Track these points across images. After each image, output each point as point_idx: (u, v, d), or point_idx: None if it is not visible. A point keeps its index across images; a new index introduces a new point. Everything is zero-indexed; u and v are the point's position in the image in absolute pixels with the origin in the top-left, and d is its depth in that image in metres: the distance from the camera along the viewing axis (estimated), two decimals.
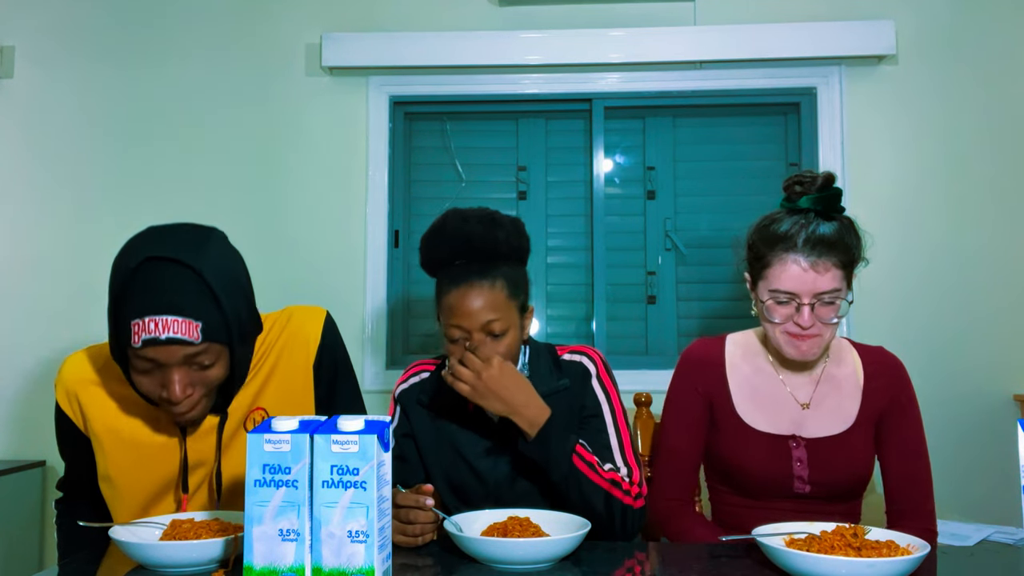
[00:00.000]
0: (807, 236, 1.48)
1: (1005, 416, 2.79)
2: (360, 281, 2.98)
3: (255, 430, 1.04)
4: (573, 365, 1.64)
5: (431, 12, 3.02)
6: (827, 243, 1.48)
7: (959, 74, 2.90)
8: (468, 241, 1.54)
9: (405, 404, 1.67)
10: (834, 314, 1.51)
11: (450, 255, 1.56)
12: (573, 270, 3.06)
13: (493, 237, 1.54)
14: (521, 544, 1.20)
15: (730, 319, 2.96)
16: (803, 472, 1.56)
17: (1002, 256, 2.85)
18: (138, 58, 3.05)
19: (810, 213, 1.52)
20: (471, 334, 1.51)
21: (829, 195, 1.52)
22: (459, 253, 1.55)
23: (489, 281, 1.52)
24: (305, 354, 1.48)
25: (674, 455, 1.66)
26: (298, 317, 1.51)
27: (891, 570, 1.09)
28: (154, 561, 1.17)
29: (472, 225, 1.55)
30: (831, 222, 1.51)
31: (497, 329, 1.51)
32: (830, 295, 1.49)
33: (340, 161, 3.01)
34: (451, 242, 1.55)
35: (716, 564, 1.26)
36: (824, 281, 1.48)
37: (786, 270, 1.49)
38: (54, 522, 1.57)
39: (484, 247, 1.53)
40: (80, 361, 1.46)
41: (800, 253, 1.48)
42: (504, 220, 1.58)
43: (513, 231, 1.58)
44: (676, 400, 1.68)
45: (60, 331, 2.97)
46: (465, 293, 1.51)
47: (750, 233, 1.60)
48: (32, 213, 3.02)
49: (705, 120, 3.08)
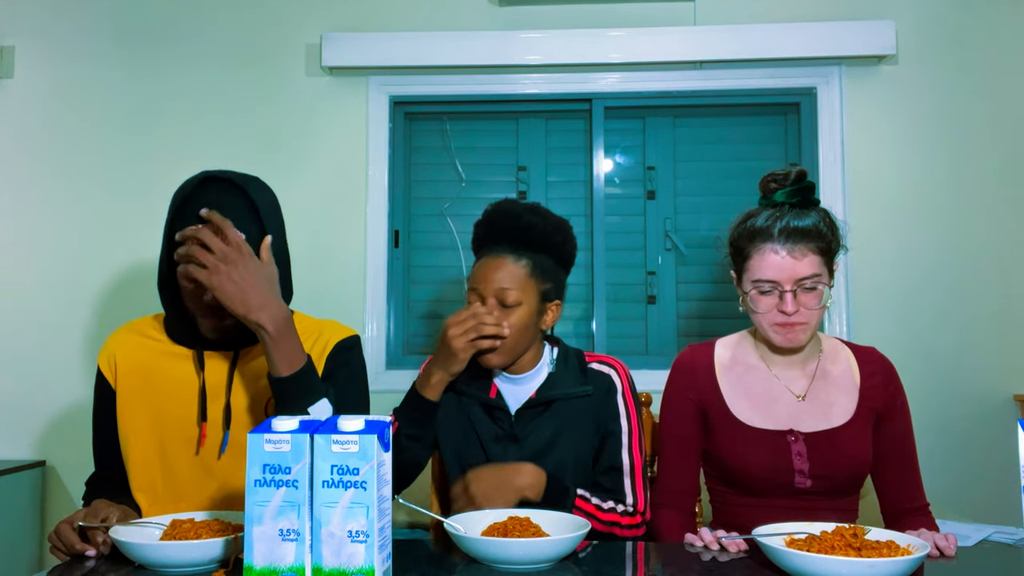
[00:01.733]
0: (782, 227, 1.55)
1: (1005, 416, 2.79)
2: (360, 281, 2.98)
3: (255, 430, 1.04)
4: (600, 376, 1.70)
5: (431, 12, 3.02)
6: (802, 231, 1.54)
7: (959, 74, 2.90)
8: (504, 219, 1.67)
9: None
10: (817, 300, 1.55)
11: (487, 232, 1.69)
12: (573, 270, 3.03)
13: (528, 222, 1.66)
14: (521, 544, 1.20)
15: (730, 319, 2.96)
16: (803, 466, 1.57)
17: (1002, 256, 2.85)
18: (138, 58, 3.05)
19: (784, 206, 1.58)
20: (484, 299, 1.61)
21: (802, 187, 1.59)
22: (495, 230, 1.67)
23: (514, 256, 1.64)
24: (323, 347, 1.55)
25: (665, 462, 1.69)
26: (331, 326, 1.61)
27: (891, 570, 1.09)
28: (154, 561, 1.17)
29: (513, 207, 1.70)
30: (805, 212, 1.57)
31: (509, 299, 1.61)
32: (811, 280, 1.54)
33: (340, 161, 3.01)
34: (492, 220, 1.69)
35: (716, 564, 1.26)
36: (803, 267, 1.53)
37: (765, 259, 1.55)
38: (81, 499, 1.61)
39: (517, 227, 1.65)
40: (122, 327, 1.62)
41: (777, 242, 1.54)
42: (545, 213, 1.70)
43: (551, 226, 1.69)
44: (670, 409, 1.70)
45: (60, 331, 2.97)
46: (488, 261, 1.65)
47: (730, 231, 1.66)
48: (32, 213, 3.02)
49: (705, 120, 3.08)
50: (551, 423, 1.66)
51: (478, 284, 1.64)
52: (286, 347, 1.37)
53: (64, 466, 2.94)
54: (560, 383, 1.67)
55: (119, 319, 2.94)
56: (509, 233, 1.66)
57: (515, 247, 1.65)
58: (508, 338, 1.60)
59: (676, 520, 1.63)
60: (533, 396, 1.67)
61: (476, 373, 1.70)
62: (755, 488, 1.60)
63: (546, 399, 1.66)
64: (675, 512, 1.65)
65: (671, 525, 1.62)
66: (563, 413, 1.66)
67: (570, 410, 1.66)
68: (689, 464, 1.68)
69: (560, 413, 1.66)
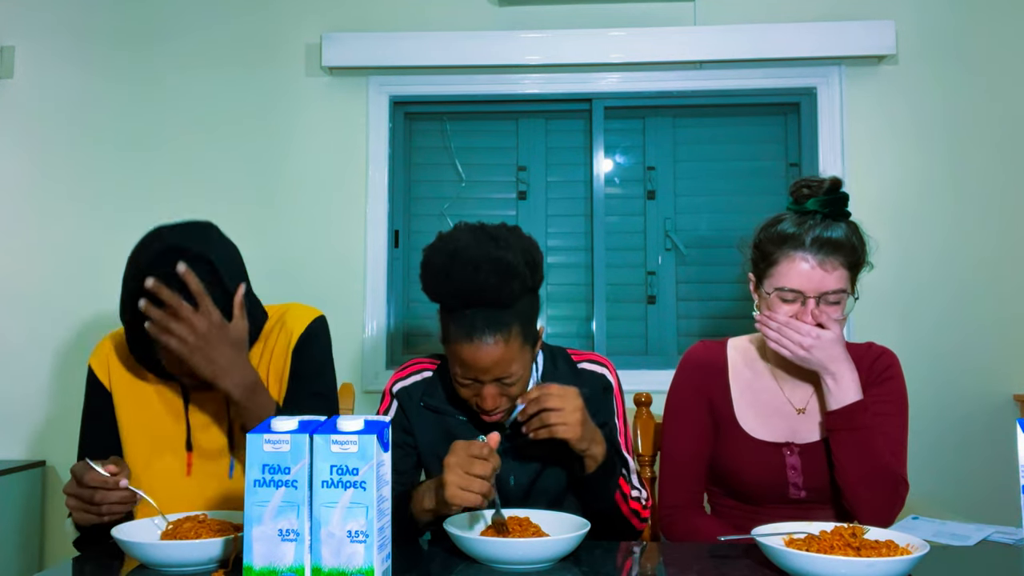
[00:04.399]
0: (815, 236, 1.50)
1: (1005, 416, 2.79)
2: (360, 281, 2.98)
3: (255, 430, 1.04)
4: (595, 376, 1.61)
5: (431, 12, 3.02)
6: (834, 243, 1.50)
7: (959, 74, 2.90)
8: (481, 293, 1.40)
9: (403, 400, 1.62)
10: (837, 313, 1.51)
11: (459, 304, 1.43)
12: (573, 270, 3.06)
13: (508, 291, 1.40)
14: (521, 544, 1.20)
15: (730, 319, 2.96)
16: (797, 479, 1.56)
17: (1002, 256, 2.85)
18: (138, 58, 3.05)
19: (816, 215, 1.53)
20: (483, 386, 1.46)
21: (836, 198, 1.54)
22: (470, 304, 1.41)
23: (504, 335, 1.40)
24: (287, 341, 1.56)
25: (678, 460, 1.65)
26: (294, 310, 1.61)
27: (890, 570, 1.09)
28: (154, 561, 1.17)
29: (484, 276, 1.39)
30: (838, 224, 1.53)
31: (513, 380, 1.46)
32: (835, 295, 1.51)
33: (340, 161, 3.01)
34: (460, 292, 1.41)
35: (716, 564, 1.26)
36: (830, 280, 1.50)
37: (793, 267, 1.51)
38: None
39: (499, 299, 1.40)
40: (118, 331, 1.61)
41: (808, 251, 1.50)
42: (518, 265, 1.41)
43: (529, 273, 1.44)
44: (678, 404, 1.67)
45: (60, 331, 2.97)
46: (478, 348, 1.40)
47: (756, 233, 1.60)
48: (32, 214, 3.02)
49: (705, 120, 3.08)
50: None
51: (470, 374, 1.44)
52: (254, 406, 1.43)
53: (64, 466, 2.93)
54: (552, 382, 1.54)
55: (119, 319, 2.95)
56: (489, 305, 1.41)
57: (497, 318, 1.40)
58: (512, 402, 1.49)
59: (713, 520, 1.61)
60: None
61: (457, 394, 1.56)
62: (751, 496, 1.60)
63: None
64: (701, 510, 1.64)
65: (711, 526, 1.57)
66: None
67: None
68: (704, 461, 1.65)
69: None
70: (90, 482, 1.29)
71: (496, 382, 1.45)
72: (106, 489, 1.29)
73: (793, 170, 2.97)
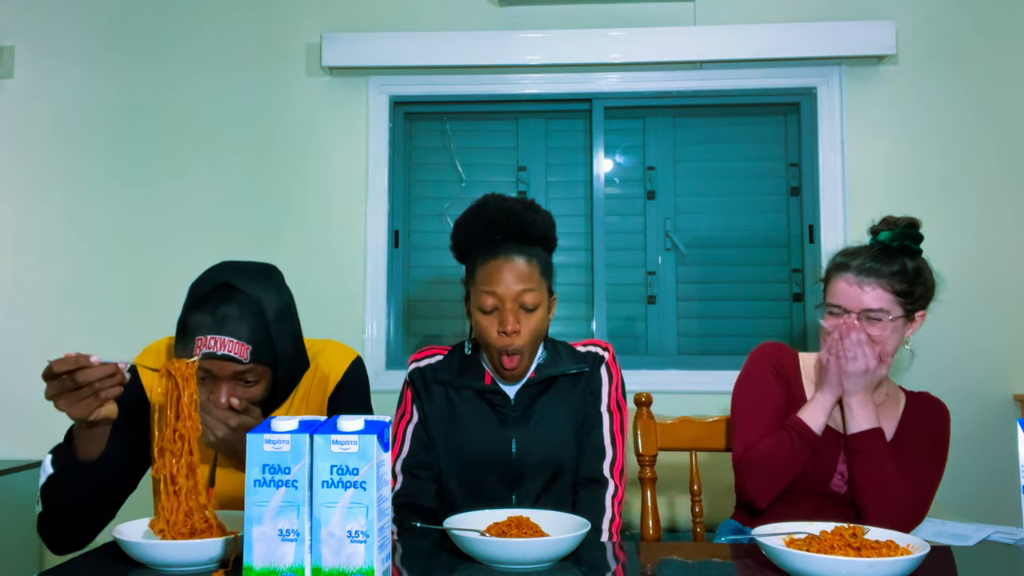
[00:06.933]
0: (862, 261, 1.64)
1: (1005, 416, 2.79)
2: (360, 281, 2.98)
3: (255, 430, 1.04)
4: (588, 355, 1.72)
5: (431, 12, 3.02)
6: (877, 268, 1.63)
7: (959, 74, 2.90)
8: (508, 218, 1.62)
9: (415, 378, 1.73)
10: (880, 332, 1.61)
11: (488, 231, 1.63)
12: (573, 270, 3.06)
13: (531, 219, 1.63)
14: (521, 544, 1.20)
15: (730, 319, 2.96)
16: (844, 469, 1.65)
17: (1002, 255, 2.85)
18: (138, 58, 3.05)
19: (875, 247, 1.66)
20: (504, 303, 1.58)
21: (903, 231, 1.66)
22: (498, 229, 1.62)
23: (526, 256, 1.61)
24: (323, 389, 1.57)
25: (753, 410, 1.71)
26: (329, 352, 1.62)
27: (891, 570, 1.09)
28: (154, 561, 1.17)
29: (512, 204, 1.64)
30: (893, 257, 1.64)
31: (530, 302, 1.59)
32: (875, 312, 1.61)
33: (340, 161, 3.01)
34: (492, 218, 1.63)
35: (716, 564, 1.26)
36: (869, 298, 1.62)
37: (837, 286, 1.67)
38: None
39: (522, 225, 1.62)
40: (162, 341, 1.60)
41: (851, 272, 1.65)
42: (540, 208, 1.68)
43: (547, 220, 1.68)
44: (756, 377, 1.76)
45: (60, 331, 2.97)
46: (503, 263, 1.59)
47: (828, 260, 1.76)
48: (32, 214, 3.02)
49: (705, 120, 3.08)
50: (552, 401, 1.67)
51: (497, 288, 1.58)
52: None
53: None
54: (555, 365, 1.68)
55: (119, 318, 2.96)
56: (514, 232, 1.62)
57: (521, 244, 1.62)
58: (529, 341, 1.61)
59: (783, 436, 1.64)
60: (532, 376, 1.67)
61: (466, 363, 1.70)
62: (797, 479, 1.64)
63: (547, 376, 1.67)
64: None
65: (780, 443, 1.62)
66: (562, 391, 1.68)
67: (568, 388, 1.68)
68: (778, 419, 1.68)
69: (559, 391, 1.68)
70: (61, 367, 1.18)
71: (520, 307, 1.58)
72: (83, 368, 1.18)
73: (793, 170, 2.97)
